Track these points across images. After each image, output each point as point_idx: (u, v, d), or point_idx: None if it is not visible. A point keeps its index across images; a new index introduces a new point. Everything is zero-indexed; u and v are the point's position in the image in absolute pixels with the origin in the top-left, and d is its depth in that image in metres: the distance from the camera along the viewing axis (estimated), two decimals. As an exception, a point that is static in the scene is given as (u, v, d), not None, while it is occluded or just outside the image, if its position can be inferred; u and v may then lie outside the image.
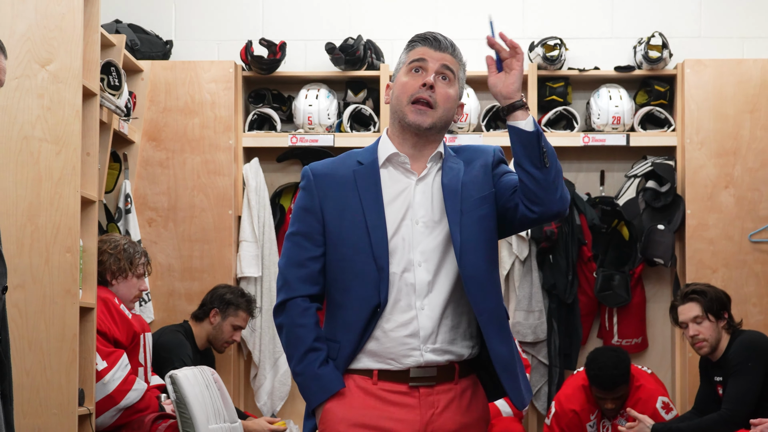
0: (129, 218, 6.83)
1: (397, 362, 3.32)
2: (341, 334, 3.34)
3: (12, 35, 5.22)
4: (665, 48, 7.13)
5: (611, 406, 6.47)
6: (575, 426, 6.55)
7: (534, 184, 3.30)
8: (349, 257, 3.35)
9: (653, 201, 7.14)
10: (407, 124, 3.38)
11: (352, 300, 3.34)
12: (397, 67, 3.49)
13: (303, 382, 3.34)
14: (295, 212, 3.44)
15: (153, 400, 5.62)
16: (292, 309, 3.36)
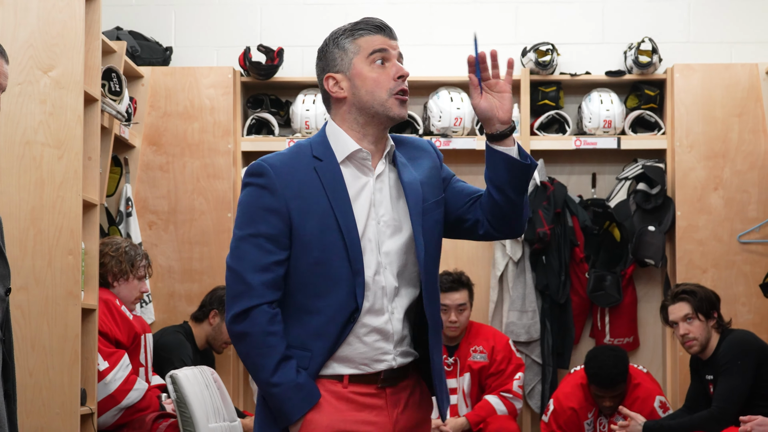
0: (130, 221, 6.85)
1: (369, 367, 3.20)
2: (313, 342, 3.15)
3: (15, 42, 5.24)
4: (655, 53, 7.17)
5: (609, 404, 6.51)
6: (573, 424, 6.59)
7: (510, 208, 3.24)
8: (323, 261, 3.15)
9: (644, 203, 7.16)
10: (390, 118, 3.22)
11: (328, 306, 3.15)
12: (346, 58, 3.26)
13: (281, 393, 3.11)
14: (253, 211, 3.17)
15: (154, 399, 5.64)
16: (259, 316, 3.11)
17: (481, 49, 3.24)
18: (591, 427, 6.61)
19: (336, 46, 3.27)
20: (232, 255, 3.17)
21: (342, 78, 3.25)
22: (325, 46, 3.31)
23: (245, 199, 3.21)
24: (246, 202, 3.21)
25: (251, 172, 3.21)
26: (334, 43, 3.28)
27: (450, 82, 7.33)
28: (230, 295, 3.15)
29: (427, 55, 7.53)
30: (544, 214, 7.06)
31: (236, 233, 3.18)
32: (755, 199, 7.01)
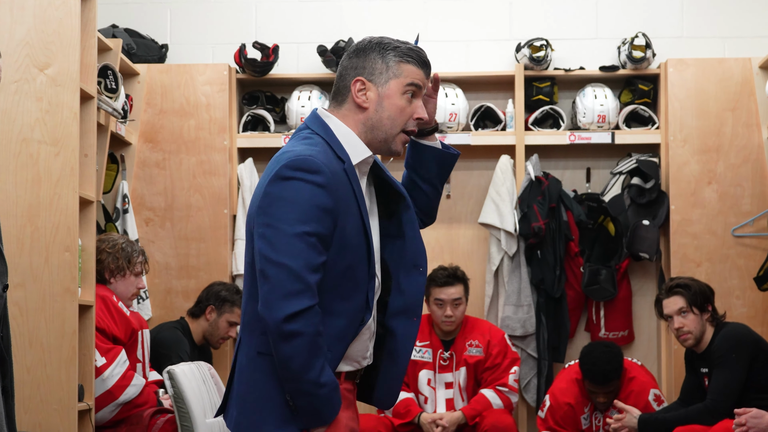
0: (127, 218, 6.86)
1: (359, 363, 3.26)
2: (335, 344, 3.14)
3: (11, 40, 5.26)
4: (648, 48, 7.18)
5: (603, 400, 6.54)
6: (570, 419, 6.61)
7: (437, 199, 3.46)
8: (354, 265, 3.15)
9: (638, 197, 7.18)
10: (389, 149, 3.25)
11: (350, 309, 3.15)
12: (385, 74, 3.22)
13: (327, 394, 3.06)
14: (308, 209, 3.03)
15: (151, 395, 5.65)
16: (314, 317, 3.02)
17: (477, 47, 3.35)
18: (587, 422, 6.63)
19: (380, 57, 3.22)
20: (282, 251, 3.02)
21: (372, 89, 3.22)
22: (369, 49, 3.25)
23: (298, 195, 3.05)
24: (298, 198, 3.04)
25: (304, 168, 3.05)
26: (380, 52, 3.22)
27: (445, 78, 7.34)
28: (283, 292, 3.01)
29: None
30: (538, 209, 7.08)
31: (286, 229, 3.03)
32: (749, 193, 7.03)
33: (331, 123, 3.22)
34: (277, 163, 3.10)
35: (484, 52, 7.52)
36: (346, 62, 3.26)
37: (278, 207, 3.04)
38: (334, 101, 3.28)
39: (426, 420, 6.60)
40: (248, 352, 3.17)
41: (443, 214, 7.49)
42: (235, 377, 3.20)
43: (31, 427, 5.15)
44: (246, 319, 3.19)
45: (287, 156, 3.09)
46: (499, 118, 7.30)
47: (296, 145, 3.15)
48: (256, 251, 3.08)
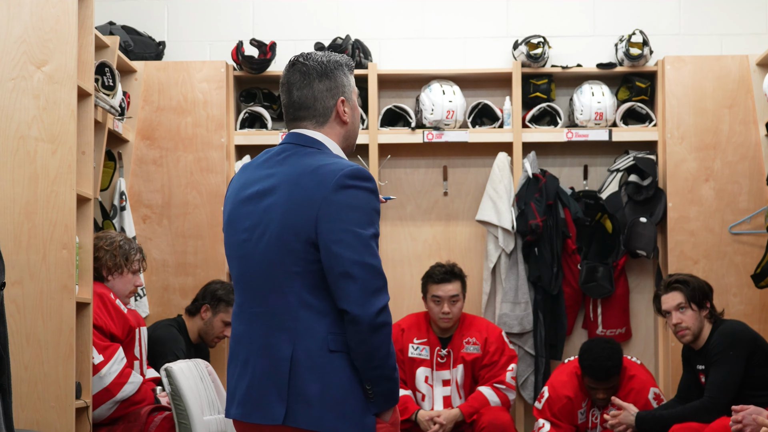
0: (124, 215, 6.85)
1: None
2: None
3: (8, 37, 5.27)
4: (646, 45, 7.18)
5: (603, 396, 6.54)
6: (567, 412, 6.61)
7: None
8: None
9: (635, 194, 7.18)
10: (349, 152, 3.57)
11: None
12: (349, 89, 3.53)
13: (398, 376, 3.37)
14: (371, 213, 3.34)
15: (149, 392, 5.66)
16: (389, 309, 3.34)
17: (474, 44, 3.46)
18: (584, 417, 6.64)
19: (344, 75, 3.51)
20: (365, 252, 3.29)
21: (348, 105, 3.52)
22: (333, 69, 3.50)
23: (363, 202, 3.33)
24: (364, 205, 3.32)
25: (360, 177, 3.34)
26: (341, 71, 3.50)
27: (442, 75, 7.35)
28: (372, 289, 3.29)
29: (419, 48, 7.56)
30: (536, 206, 7.08)
31: (361, 233, 3.30)
32: (746, 190, 7.04)
33: (325, 141, 3.49)
34: (332, 175, 3.32)
35: (481, 49, 7.52)
36: (319, 86, 3.48)
37: (347, 213, 3.31)
38: (313, 121, 3.51)
39: (423, 417, 6.60)
40: (313, 354, 3.33)
41: (441, 212, 7.50)
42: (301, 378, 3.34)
43: (28, 424, 5.15)
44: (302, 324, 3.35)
45: (340, 168, 3.33)
46: (497, 115, 7.31)
47: (329, 159, 3.40)
48: (333, 254, 3.29)
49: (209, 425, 5.42)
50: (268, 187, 3.42)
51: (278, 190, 3.39)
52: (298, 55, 3.53)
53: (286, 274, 3.36)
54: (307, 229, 3.32)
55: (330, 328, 3.33)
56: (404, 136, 7.27)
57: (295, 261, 3.34)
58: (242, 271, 3.47)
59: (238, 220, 3.48)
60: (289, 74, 3.51)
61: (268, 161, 3.50)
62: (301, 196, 3.34)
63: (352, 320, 3.28)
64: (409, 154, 7.45)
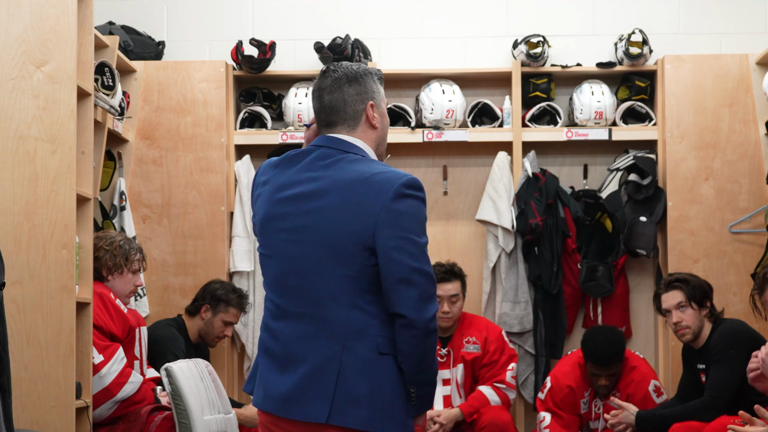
0: (124, 215, 6.86)
1: None
2: None
3: (8, 37, 5.27)
4: (645, 44, 7.18)
5: (605, 383, 6.55)
6: (569, 401, 6.62)
7: None
8: None
9: (635, 194, 7.18)
10: (381, 158, 3.66)
11: None
12: (379, 96, 3.66)
13: (436, 383, 3.54)
14: (423, 223, 3.49)
15: (149, 392, 5.67)
16: None
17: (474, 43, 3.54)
18: (586, 407, 6.65)
19: (373, 82, 3.64)
20: (423, 260, 3.43)
21: (377, 110, 3.63)
22: (362, 75, 3.64)
23: (419, 211, 3.47)
24: (419, 214, 3.46)
25: (420, 187, 3.48)
26: (372, 78, 3.65)
27: (442, 75, 7.36)
28: (428, 295, 3.41)
29: (418, 47, 7.56)
30: (536, 206, 7.08)
31: (419, 241, 3.44)
32: (746, 189, 7.03)
33: (363, 147, 3.60)
34: (388, 183, 3.43)
35: (481, 49, 7.52)
36: (349, 90, 3.60)
37: (406, 221, 3.43)
38: (345, 125, 3.61)
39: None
40: (362, 355, 3.43)
41: (440, 211, 7.50)
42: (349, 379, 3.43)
43: (28, 424, 5.15)
44: (348, 326, 3.45)
45: (395, 176, 3.45)
46: (496, 114, 7.31)
47: (379, 166, 3.51)
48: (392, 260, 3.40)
49: (209, 425, 5.42)
50: (314, 189, 3.50)
51: (329, 194, 3.48)
52: (329, 65, 3.65)
53: (338, 277, 3.45)
54: (365, 234, 3.42)
55: (379, 331, 3.44)
56: (404, 135, 7.27)
57: (348, 264, 3.44)
58: (283, 271, 3.53)
59: (278, 220, 3.54)
60: (320, 81, 3.64)
61: (311, 165, 3.56)
62: (358, 201, 3.44)
63: (408, 324, 3.39)
64: (409, 154, 7.45)
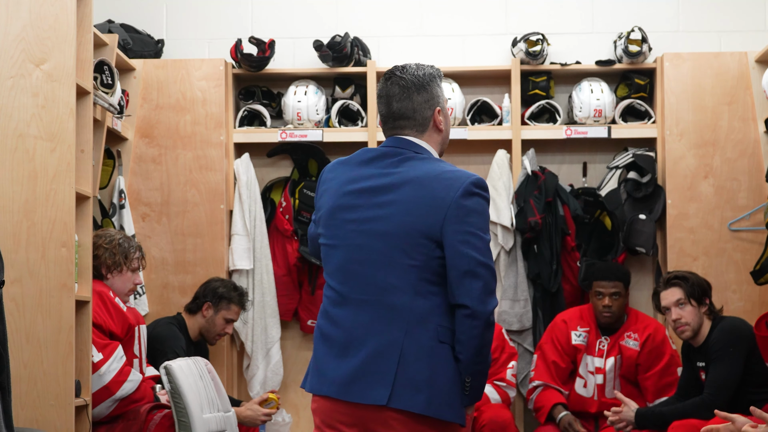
0: (123, 213, 6.86)
1: None
2: None
3: (7, 36, 5.27)
4: (645, 42, 7.18)
5: (609, 304, 6.68)
6: (562, 332, 6.80)
7: None
8: None
9: (634, 191, 7.19)
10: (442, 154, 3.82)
11: None
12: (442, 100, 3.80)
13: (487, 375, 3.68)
14: (487, 221, 3.65)
15: (148, 390, 5.67)
16: None
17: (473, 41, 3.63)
18: (581, 340, 6.78)
19: (438, 87, 3.81)
20: (488, 255, 3.59)
21: (442, 114, 3.80)
22: (429, 81, 3.79)
23: (485, 209, 3.64)
24: (483, 212, 3.63)
25: (483, 187, 3.64)
26: (437, 83, 3.81)
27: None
28: (490, 288, 3.56)
29: (417, 46, 7.56)
30: (535, 204, 7.08)
31: (484, 237, 3.60)
32: (745, 187, 7.03)
33: (429, 148, 3.77)
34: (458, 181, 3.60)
35: (480, 47, 7.52)
36: (417, 98, 3.76)
37: (474, 217, 3.59)
38: (414, 129, 3.77)
39: (423, 414, 6.59)
40: (423, 342, 3.56)
41: (440, 209, 7.49)
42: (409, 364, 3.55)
43: (27, 422, 5.15)
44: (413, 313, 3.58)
45: (464, 175, 3.63)
46: (496, 112, 7.32)
47: (447, 166, 3.69)
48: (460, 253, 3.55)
49: (209, 423, 5.42)
50: (385, 184, 3.67)
51: (400, 188, 3.64)
52: (394, 69, 3.80)
53: (404, 267, 3.60)
54: (434, 226, 3.58)
55: (441, 321, 3.58)
56: (403, 133, 7.25)
57: (416, 255, 3.59)
58: (350, 258, 3.67)
59: (347, 210, 3.70)
60: (388, 87, 3.78)
61: (380, 161, 3.72)
62: (429, 196, 3.60)
63: (471, 315, 3.53)
64: (408, 152, 7.43)
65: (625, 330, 6.77)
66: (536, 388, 6.80)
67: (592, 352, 6.78)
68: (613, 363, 6.73)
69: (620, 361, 6.74)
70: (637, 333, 6.73)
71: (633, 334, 6.77)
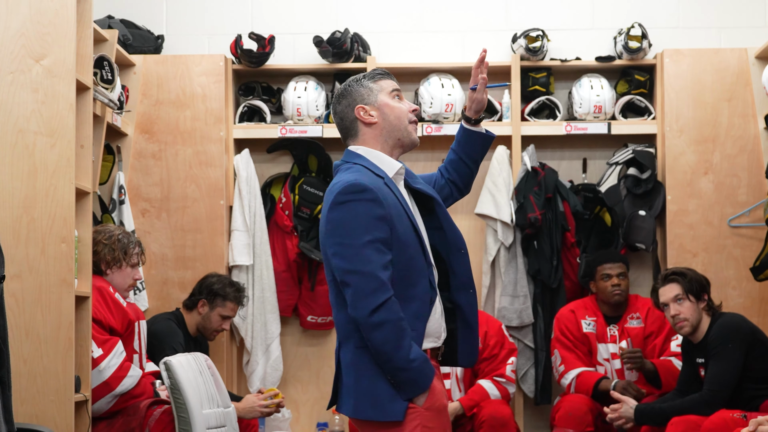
0: (123, 209, 6.86)
1: (438, 339, 3.90)
2: (416, 323, 3.78)
3: (6, 31, 5.27)
4: (645, 38, 7.18)
5: (617, 282, 6.76)
6: (572, 323, 6.82)
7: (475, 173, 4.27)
8: (414, 257, 3.80)
9: (634, 187, 7.19)
10: (410, 142, 3.96)
11: (420, 294, 3.81)
12: (372, 94, 3.93)
13: (419, 366, 3.71)
14: (367, 221, 3.70)
15: (148, 386, 5.67)
16: (393, 305, 3.69)
17: (473, 37, 3.62)
18: (591, 328, 6.82)
19: (360, 86, 3.95)
20: (354, 260, 3.70)
21: (370, 108, 3.93)
22: (347, 87, 3.98)
23: (354, 213, 3.73)
24: (356, 215, 3.73)
25: (352, 191, 3.73)
26: (357, 84, 3.96)
27: (441, 69, 7.36)
28: (365, 293, 3.68)
29: (417, 41, 7.56)
30: (535, 200, 7.08)
31: (353, 243, 3.70)
32: (745, 183, 7.04)
33: (360, 151, 3.92)
34: (331, 194, 3.79)
35: (480, 43, 7.51)
36: (338, 108, 3.99)
37: (341, 228, 3.73)
38: (350, 138, 3.98)
39: (423, 410, 6.59)
40: (349, 350, 3.80)
41: (439, 205, 7.50)
42: (343, 373, 3.83)
43: (27, 418, 5.16)
44: (340, 327, 3.84)
45: (338, 186, 3.78)
46: (496, 108, 7.32)
47: (342, 176, 3.83)
48: (334, 268, 3.77)
49: (208, 419, 5.42)
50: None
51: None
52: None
53: (330, 284, 3.85)
54: (323, 243, 3.82)
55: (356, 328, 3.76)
56: (403, 129, 7.26)
57: (329, 272, 3.83)
58: None
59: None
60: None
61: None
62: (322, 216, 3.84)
63: (354, 321, 3.72)
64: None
65: (627, 314, 6.82)
66: (573, 378, 6.76)
67: (604, 340, 6.81)
68: (626, 347, 6.76)
69: (630, 344, 6.76)
70: (638, 312, 6.80)
71: (635, 314, 6.82)
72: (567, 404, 6.60)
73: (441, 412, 3.80)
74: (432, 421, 3.76)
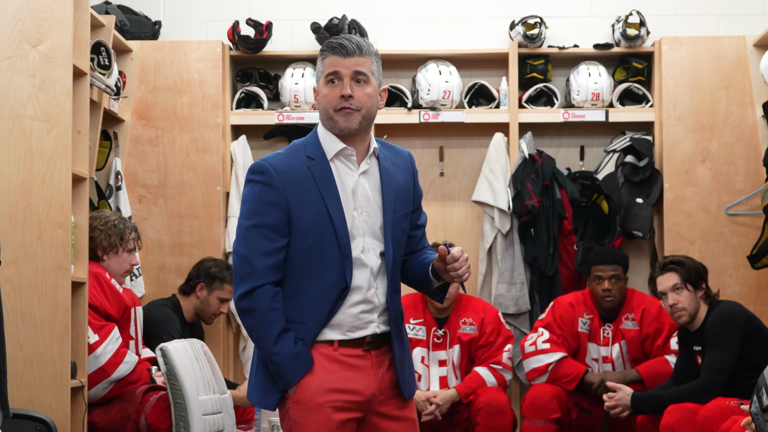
0: (119, 195, 6.87)
1: (354, 333, 3.70)
2: (308, 316, 3.65)
3: (3, 16, 5.27)
4: (643, 26, 7.17)
5: (609, 287, 6.68)
6: (569, 316, 6.75)
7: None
8: (318, 247, 3.63)
9: (632, 175, 7.18)
10: (338, 129, 3.66)
11: (321, 286, 3.64)
12: (317, 76, 3.73)
13: (282, 361, 3.61)
14: (257, 204, 3.62)
15: (144, 372, 5.68)
16: (263, 294, 3.60)
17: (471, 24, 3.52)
18: (586, 328, 6.75)
19: (318, 63, 3.74)
20: (238, 242, 3.65)
21: (317, 92, 3.74)
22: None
23: (249, 194, 3.65)
24: (250, 197, 3.65)
25: (253, 170, 3.65)
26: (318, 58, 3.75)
27: (438, 56, 7.35)
28: (238, 276, 3.63)
29: (415, 28, 7.55)
30: (532, 187, 7.08)
31: (242, 223, 3.64)
32: (742, 171, 7.03)
33: (318, 128, 3.76)
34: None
35: (477, 30, 7.51)
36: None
37: (241, 205, 3.70)
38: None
39: (420, 398, 6.60)
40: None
41: (437, 192, 7.50)
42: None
43: (23, 404, 5.16)
44: None
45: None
46: (493, 95, 7.31)
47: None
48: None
49: (204, 404, 5.42)
50: None
51: None
52: None
53: None
54: None
55: None
56: (400, 116, 7.26)
57: None
58: None
59: None
60: None
61: None
62: None
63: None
64: (405, 135, 7.43)
65: (623, 313, 6.78)
66: (556, 361, 6.73)
67: (596, 341, 6.77)
68: (618, 350, 6.73)
69: (626, 346, 6.74)
70: (633, 312, 6.75)
71: (630, 315, 6.78)
72: (531, 394, 6.61)
73: (312, 410, 3.63)
74: (299, 415, 3.65)
